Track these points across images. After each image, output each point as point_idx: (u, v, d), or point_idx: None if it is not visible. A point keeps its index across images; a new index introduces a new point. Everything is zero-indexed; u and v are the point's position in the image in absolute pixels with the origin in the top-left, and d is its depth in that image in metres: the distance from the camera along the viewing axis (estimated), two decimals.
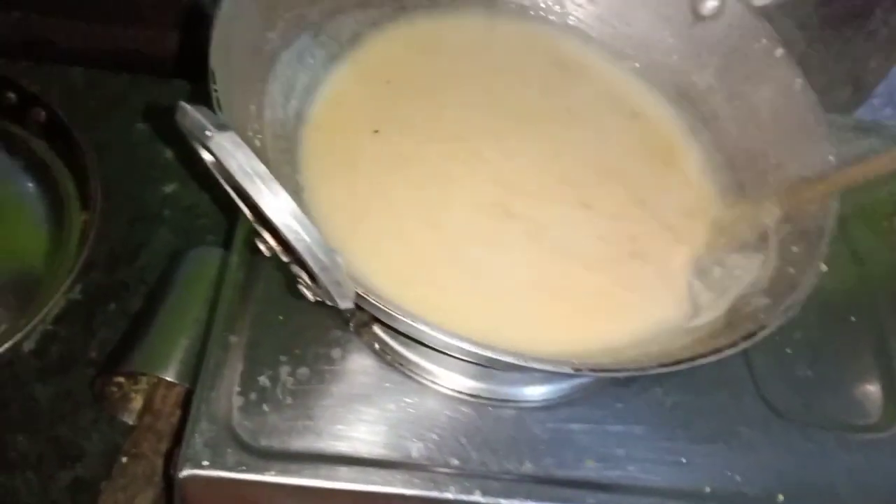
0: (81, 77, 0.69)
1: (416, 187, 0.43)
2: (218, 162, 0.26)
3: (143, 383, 0.53)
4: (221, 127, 0.26)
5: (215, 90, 0.34)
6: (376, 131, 0.44)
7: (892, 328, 0.53)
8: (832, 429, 0.47)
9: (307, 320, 0.45)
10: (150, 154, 0.65)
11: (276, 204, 0.26)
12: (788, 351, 0.51)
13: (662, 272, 0.44)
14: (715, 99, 0.49)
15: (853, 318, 0.54)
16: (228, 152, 0.26)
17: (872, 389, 0.51)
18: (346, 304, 0.30)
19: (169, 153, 0.65)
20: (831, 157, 0.42)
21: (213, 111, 0.34)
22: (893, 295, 0.55)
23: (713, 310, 0.40)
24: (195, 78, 0.36)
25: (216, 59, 0.36)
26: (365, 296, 0.31)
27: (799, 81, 0.44)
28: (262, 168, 0.26)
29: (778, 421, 0.47)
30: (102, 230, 0.55)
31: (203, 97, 0.34)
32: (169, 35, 0.75)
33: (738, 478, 0.44)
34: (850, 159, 0.41)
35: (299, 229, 0.27)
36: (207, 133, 0.25)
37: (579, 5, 0.51)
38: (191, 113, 0.27)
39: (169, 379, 0.49)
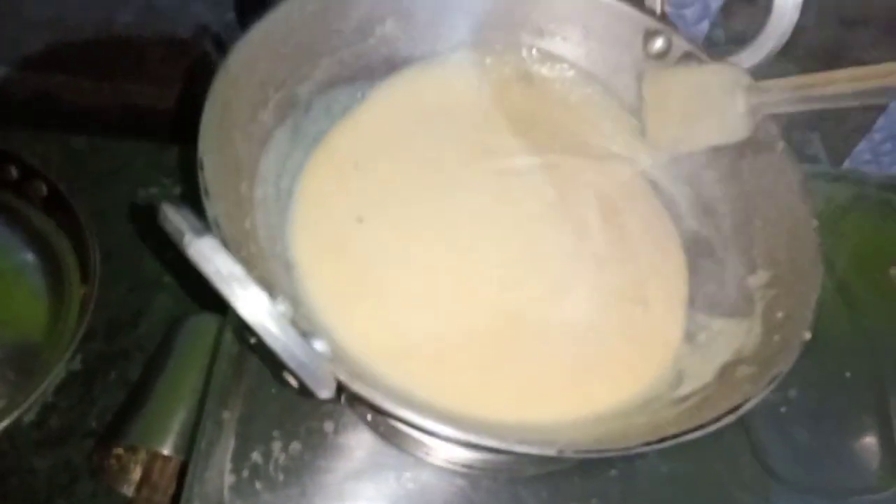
0: (83, 144, 0.70)
1: (403, 270, 0.44)
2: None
3: (142, 454, 0.53)
4: (199, 231, 0.27)
5: (203, 177, 0.35)
6: (360, 220, 0.45)
7: (891, 385, 0.53)
8: (830, 492, 0.47)
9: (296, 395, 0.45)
10: (152, 219, 0.66)
11: (251, 306, 0.27)
12: (783, 410, 0.50)
13: (649, 337, 0.45)
14: (698, 159, 0.50)
15: (848, 375, 0.53)
16: (205, 258, 0.26)
17: (870, 449, 0.50)
18: (325, 394, 0.30)
19: None
20: (815, 222, 0.42)
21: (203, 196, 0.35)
22: (891, 350, 0.55)
23: (699, 377, 0.40)
24: (195, 136, 0.38)
25: (205, 144, 0.37)
26: (347, 384, 0.32)
27: (781, 145, 0.45)
28: (238, 271, 0.27)
29: (776, 485, 0.47)
30: (102, 298, 0.56)
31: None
32: (174, 89, 0.77)
33: None
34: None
35: (275, 330, 0.27)
36: (186, 239, 0.26)
37: (562, 73, 0.53)
38: (171, 216, 0.27)
39: (165, 452, 0.49)
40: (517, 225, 0.48)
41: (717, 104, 0.46)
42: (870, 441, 0.50)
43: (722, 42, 0.69)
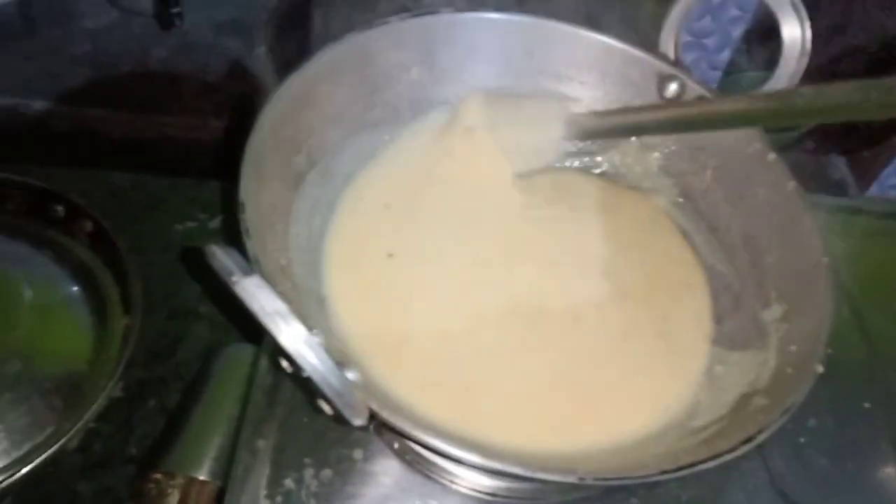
0: (125, 181, 0.74)
1: (432, 304, 0.46)
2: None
3: (180, 479, 0.55)
4: (246, 271, 0.29)
5: (244, 219, 0.38)
6: (390, 255, 0.47)
7: None
8: None
9: (330, 422, 0.47)
10: (189, 252, 0.69)
11: (292, 337, 0.29)
12: (802, 440, 0.51)
13: (670, 371, 0.46)
14: (713, 198, 0.52)
15: (867, 405, 0.54)
16: (251, 295, 0.29)
17: (890, 478, 0.51)
18: (358, 422, 0.33)
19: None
20: (824, 259, 0.44)
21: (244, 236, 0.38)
22: None
23: (715, 409, 0.42)
24: (234, 171, 0.40)
25: (246, 189, 0.39)
26: (378, 413, 0.34)
27: (791, 184, 0.47)
28: (281, 306, 0.29)
29: None
30: (142, 328, 0.59)
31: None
32: (209, 122, 0.80)
33: None
34: None
35: (313, 359, 0.29)
36: (233, 279, 0.29)
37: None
38: (219, 256, 0.30)
39: (202, 478, 0.51)
40: (542, 259, 0.50)
41: (539, 132, 0.52)
42: (889, 470, 0.51)
43: (745, 68, 0.71)
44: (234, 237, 0.38)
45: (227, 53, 0.73)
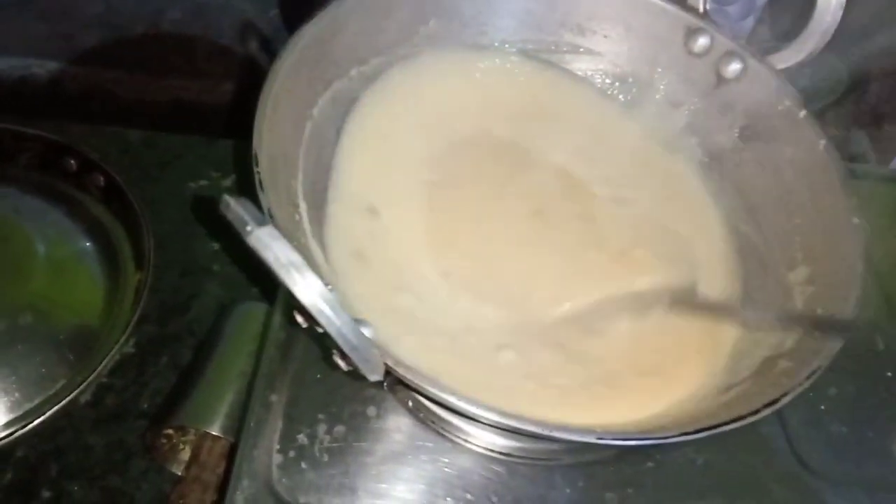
0: (138, 138, 0.73)
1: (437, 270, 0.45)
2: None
3: (191, 434, 0.55)
4: (260, 221, 0.28)
5: (258, 172, 0.37)
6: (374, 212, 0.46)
7: None
8: (867, 487, 0.47)
9: (343, 378, 0.47)
10: (203, 210, 0.69)
11: (308, 290, 0.28)
12: (823, 407, 0.51)
13: (700, 338, 0.45)
14: (740, 157, 0.50)
15: (889, 374, 0.53)
16: (266, 245, 0.28)
17: None
18: (375, 377, 0.32)
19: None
20: (856, 220, 0.42)
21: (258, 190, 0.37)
22: None
23: (737, 372, 0.41)
24: (245, 131, 0.40)
25: (259, 141, 0.38)
26: (394, 368, 0.33)
27: (822, 143, 0.45)
28: (296, 258, 0.28)
29: (812, 479, 0.47)
30: (155, 284, 0.59)
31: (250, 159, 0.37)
32: (221, 84, 0.79)
33: None
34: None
35: (330, 313, 0.29)
36: (248, 228, 0.28)
37: (602, 70, 0.53)
38: (233, 206, 0.29)
39: (214, 433, 0.51)
40: (563, 223, 0.49)
41: None
42: None
43: (768, 39, 0.69)
44: (249, 197, 0.37)
45: (241, 15, 0.72)
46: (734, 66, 0.49)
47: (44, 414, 0.50)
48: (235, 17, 0.73)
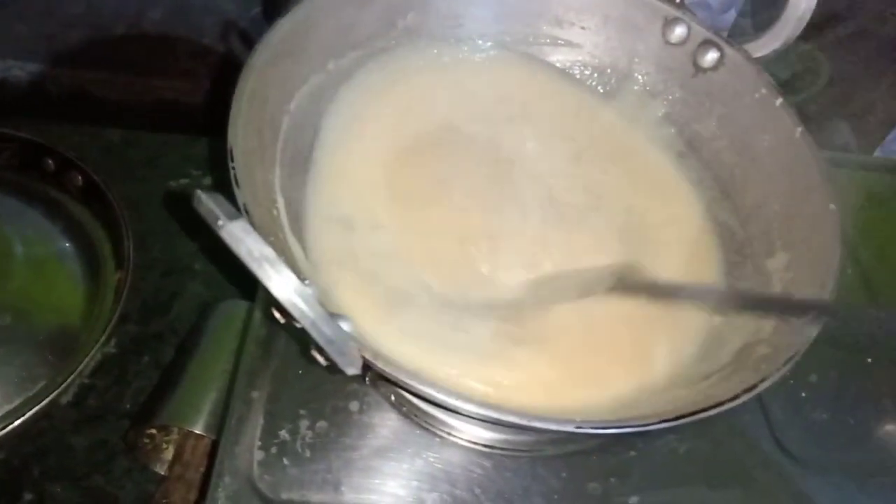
0: (118, 137, 0.72)
1: (421, 256, 0.45)
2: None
3: (175, 434, 0.55)
4: (231, 215, 0.28)
5: (233, 167, 0.37)
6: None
7: None
8: (849, 473, 0.47)
9: (325, 374, 0.47)
10: (182, 209, 0.68)
11: (281, 285, 0.28)
12: (804, 394, 0.51)
13: (673, 322, 0.45)
14: (718, 146, 0.50)
15: (869, 360, 0.53)
16: (238, 239, 0.28)
17: (890, 431, 0.50)
18: (352, 371, 0.32)
19: None
20: (832, 206, 0.42)
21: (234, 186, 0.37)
22: None
23: (716, 359, 0.41)
24: (225, 130, 0.40)
25: (234, 135, 0.38)
26: (372, 362, 0.33)
27: (799, 130, 0.45)
28: (269, 252, 0.28)
29: (794, 466, 0.47)
30: (135, 284, 0.58)
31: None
32: (203, 84, 0.78)
33: None
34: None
35: (305, 308, 0.28)
36: (219, 223, 0.28)
37: (581, 62, 0.53)
38: (205, 201, 0.29)
39: (197, 431, 0.51)
40: (532, 207, 0.48)
41: None
42: (889, 426, 0.51)
43: (749, 31, 0.69)
44: (227, 195, 0.37)
45: (223, 15, 0.72)
46: (711, 55, 0.49)
47: (24, 415, 0.50)
48: (217, 16, 0.72)
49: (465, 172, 0.48)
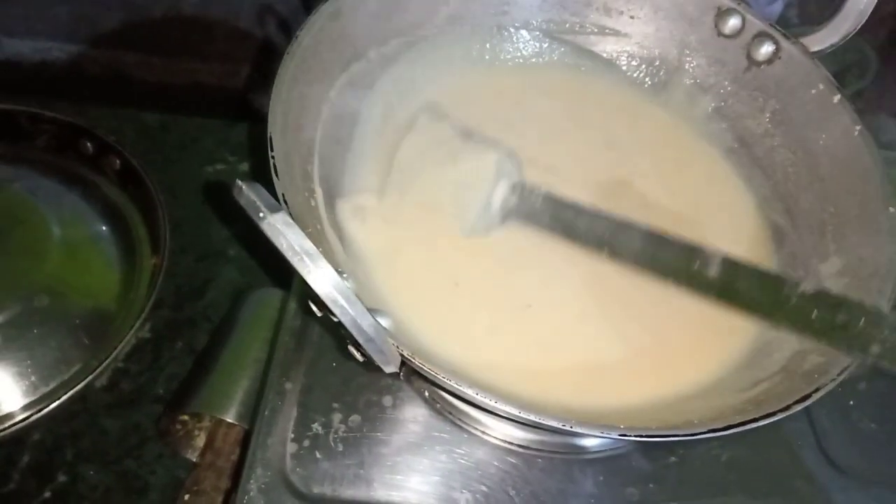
0: (155, 121, 0.72)
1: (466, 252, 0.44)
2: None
3: (206, 421, 0.55)
4: (273, 207, 0.27)
5: (272, 156, 0.36)
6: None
7: None
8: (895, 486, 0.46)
9: (359, 367, 0.46)
10: (219, 194, 0.68)
11: (321, 279, 0.27)
12: (851, 403, 0.49)
13: (721, 325, 0.44)
14: (771, 143, 0.48)
15: None
16: (278, 232, 0.27)
17: None
18: (390, 369, 0.31)
19: None
20: (892, 209, 0.41)
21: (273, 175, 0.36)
22: None
23: (766, 367, 0.40)
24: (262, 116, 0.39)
25: (274, 124, 0.37)
26: (411, 359, 0.32)
27: (857, 129, 0.43)
28: (309, 246, 0.27)
29: (839, 477, 0.46)
30: (171, 269, 0.58)
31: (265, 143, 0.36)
32: (240, 68, 0.78)
33: None
34: None
35: (344, 304, 0.28)
36: (260, 215, 0.27)
37: (628, 53, 0.51)
38: (245, 192, 0.28)
39: (229, 420, 0.50)
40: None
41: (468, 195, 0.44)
42: None
43: (795, 24, 0.67)
44: (264, 183, 0.36)
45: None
46: (766, 49, 0.47)
47: (60, 398, 0.50)
48: (254, 1, 0.72)
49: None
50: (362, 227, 0.43)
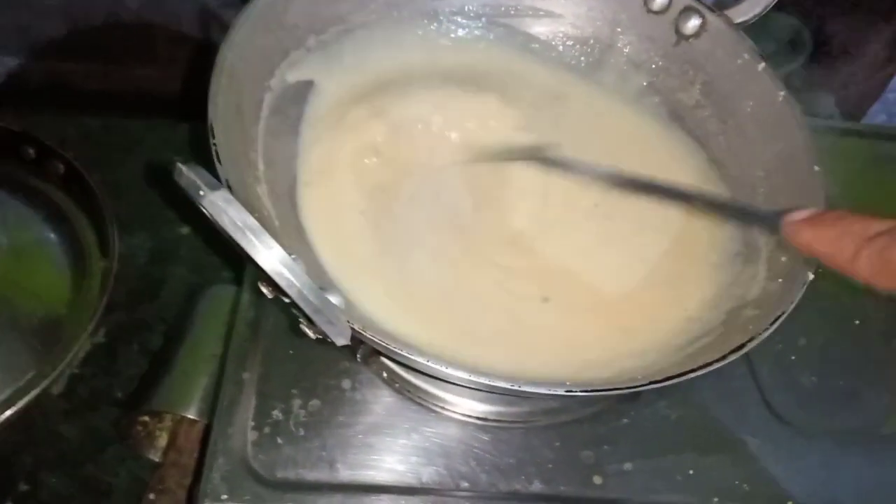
0: (98, 124, 0.72)
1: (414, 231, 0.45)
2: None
3: (168, 421, 0.54)
4: (213, 185, 0.28)
5: (214, 144, 0.36)
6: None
7: None
8: (839, 435, 0.48)
9: (316, 353, 0.47)
10: (166, 194, 0.68)
11: (266, 254, 0.28)
12: (793, 358, 0.51)
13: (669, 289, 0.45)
14: (703, 114, 0.50)
15: (857, 322, 0.54)
16: (220, 209, 0.27)
17: (878, 394, 0.51)
18: (341, 341, 0.32)
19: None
20: (817, 168, 0.43)
21: (216, 162, 0.36)
22: None
23: (707, 323, 0.41)
24: (206, 115, 0.39)
25: (215, 111, 0.38)
26: (362, 331, 0.33)
27: (782, 94, 0.45)
28: (252, 221, 0.28)
29: (784, 429, 0.48)
30: (121, 271, 0.58)
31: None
32: (181, 71, 0.78)
33: (745, 487, 0.45)
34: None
35: (290, 276, 0.28)
36: (201, 193, 0.27)
37: (563, 33, 0.53)
38: (186, 173, 0.28)
39: (190, 416, 0.50)
40: (540, 183, 0.48)
41: None
42: (878, 386, 0.51)
43: (730, 5, 0.69)
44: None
45: (200, 2, 0.71)
46: (693, 22, 0.49)
47: (14, 405, 0.49)
48: (194, 3, 0.72)
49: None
50: (310, 210, 0.43)
